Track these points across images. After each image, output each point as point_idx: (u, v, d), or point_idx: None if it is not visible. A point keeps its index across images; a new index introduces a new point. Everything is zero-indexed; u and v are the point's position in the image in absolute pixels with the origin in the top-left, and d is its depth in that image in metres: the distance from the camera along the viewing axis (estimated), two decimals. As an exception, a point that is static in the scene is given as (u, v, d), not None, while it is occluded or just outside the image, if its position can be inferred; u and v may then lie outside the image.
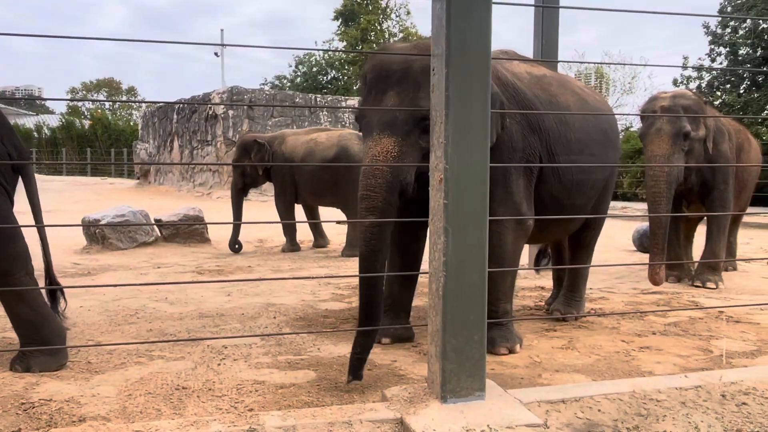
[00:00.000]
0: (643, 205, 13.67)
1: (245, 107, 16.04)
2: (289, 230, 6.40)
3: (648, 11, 2.31)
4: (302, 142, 6.34)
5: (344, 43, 31.48)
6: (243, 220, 6.13)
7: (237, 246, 6.29)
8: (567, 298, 3.36)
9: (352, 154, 5.92)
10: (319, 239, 6.73)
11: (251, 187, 6.77)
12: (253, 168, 6.38)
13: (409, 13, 33.88)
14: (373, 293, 2.25)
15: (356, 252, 6.03)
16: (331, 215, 7.25)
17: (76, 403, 2.02)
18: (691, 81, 18.39)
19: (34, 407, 1.99)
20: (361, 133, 2.59)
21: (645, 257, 6.01)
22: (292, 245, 6.39)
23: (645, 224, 6.52)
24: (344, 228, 6.74)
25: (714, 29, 17.66)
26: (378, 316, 2.29)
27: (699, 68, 17.59)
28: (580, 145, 2.92)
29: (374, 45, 29.71)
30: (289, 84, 33.57)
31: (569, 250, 3.49)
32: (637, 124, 21.21)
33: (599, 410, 1.83)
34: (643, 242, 6.35)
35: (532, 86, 2.83)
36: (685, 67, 15.07)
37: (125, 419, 1.89)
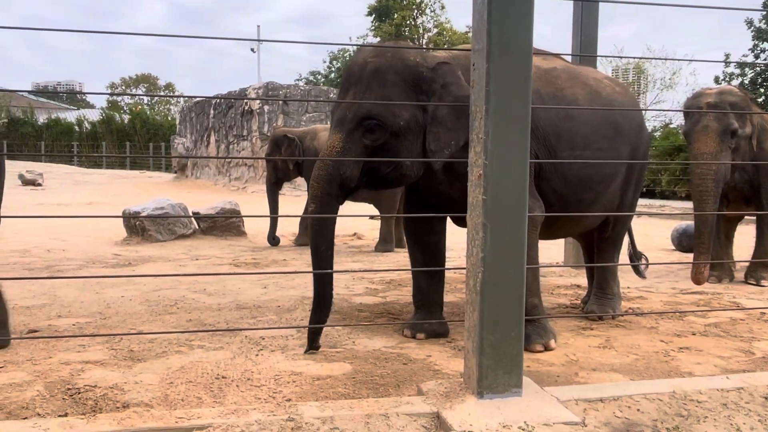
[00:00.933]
0: (683, 204, 13.41)
1: (280, 103, 16.19)
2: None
3: (689, 5, 2.27)
4: None
5: (378, 39, 31.48)
6: (276, 215, 6.18)
7: (275, 240, 6.36)
8: (599, 297, 3.31)
9: None
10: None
11: (284, 181, 6.81)
12: (284, 162, 6.43)
13: (443, 8, 33.66)
14: (321, 274, 2.52)
15: (390, 247, 6.12)
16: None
17: (120, 390, 2.08)
18: (733, 78, 17.90)
19: (79, 393, 2.05)
20: None
21: (684, 257, 5.92)
22: (302, 239, 6.36)
23: (684, 223, 6.40)
24: (378, 223, 6.76)
25: (758, 25, 17.14)
26: (328, 292, 2.54)
27: (743, 64, 17.11)
28: (585, 140, 2.85)
29: (408, 41, 29.66)
30: (323, 80, 33.76)
31: (596, 247, 3.43)
32: (677, 121, 20.75)
33: (638, 410, 1.81)
34: (682, 241, 6.23)
35: (535, 80, 2.80)
36: (727, 63, 14.68)
37: (167, 406, 1.94)
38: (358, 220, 8.13)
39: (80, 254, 5.58)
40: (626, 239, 3.60)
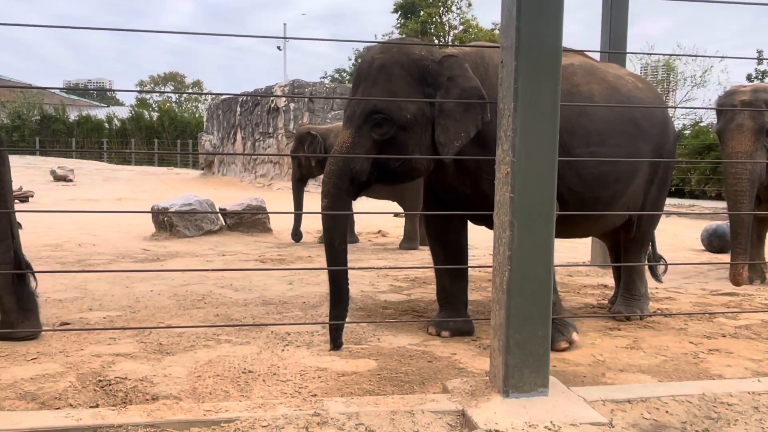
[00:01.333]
0: (713, 203, 13.17)
1: (306, 100, 16.27)
2: None
3: (720, 0, 2.23)
4: None
5: (404, 37, 31.45)
6: (300, 211, 6.22)
7: (298, 236, 6.40)
8: (626, 297, 3.26)
9: None
10: (353, 234, 6.65)
11: (308, 178, 6.83)
12: (308, 159, 6.46)
13: (470, 5, 33.42)
14: (336, 269, 2.55)
15: (414, 245, 6.12)
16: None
17: (149, 382, 2.11)
18: (766, 75, 17.51)
19: (110, 384, 2.09)
20: None
21: (714, 257, 5.82)
22: (350, 236, 6.42)
23: (714, 223, 6.28)
24: (402, 221, 6.76)
25: (794, 20, 16.72)
26: (344, 287, 2.57)
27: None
28: (601, 137, 2.80)
29: (434, 38, 29.56)
30: (348, 77, 33.82)
31: (621, 247, 3.36)
32: (707, 119, 20.36)
33: (667, 411, 1.79)
34: (712, 242, 6.11)
35: None
36: (760, 60, 14.37)
37: (196, 399, 1.96)
38: (382, 218, 8.14)
39: (110, 249, 5.68)
40: None
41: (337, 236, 2.57)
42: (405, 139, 2.53)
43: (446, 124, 2.53)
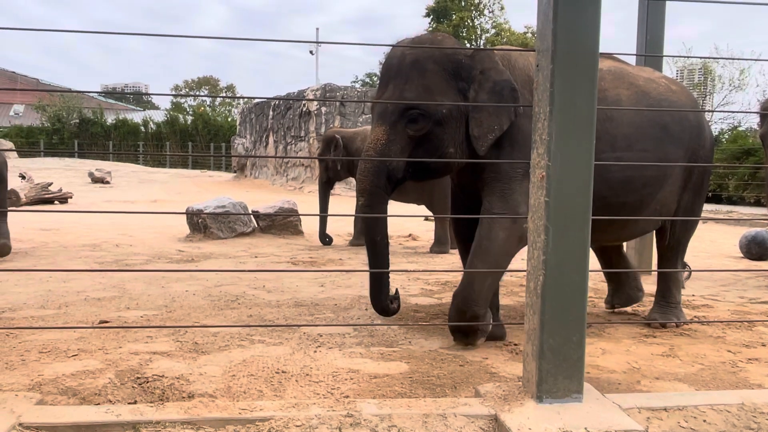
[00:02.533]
0: (751, 209, 12.84)
1: (337, 104, 16.38)
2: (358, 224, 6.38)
3: (758, 2, 2.19)
4: None
5: (430, 32, 31.41)
6: (333, 213, 6.24)
7: (327, 239, 6.43)
8: (661, 305, 3.21)
9: None
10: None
11: (335, 180, 6.84)
12: (334, 162, 6.49)
13: (503, 8, 33.31)
14: (376, 261, 2.61)
15: (445, 249, 6.10)
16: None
17: (186, 381, 2.15)
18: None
19: (148, 382, 2.14)
20: None
21: (752, 264, 5.68)
22: (358, 239, 6.35)
23: (754, 230, 6.13)
24: (432, 224, 6.75)
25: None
26: (385, 285, 2.63)
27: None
28: (627, 141, 2.76)
29: (466, 42, 29.46)
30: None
31: (657, 254, 3.33)
32: (746, 124, 19.87)
33: (704, 420, 1.75)
34: (751, 249, 5.96)
35: None
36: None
37: (230, 398, 1.99)
38: (413, 221, 8.14)
39: (146, 249, 5.79)
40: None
41: (379, 232, 2.60)
42: (441, 134, 2.53)
43: (480, 118, 2.53)
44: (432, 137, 2.53)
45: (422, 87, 2.51)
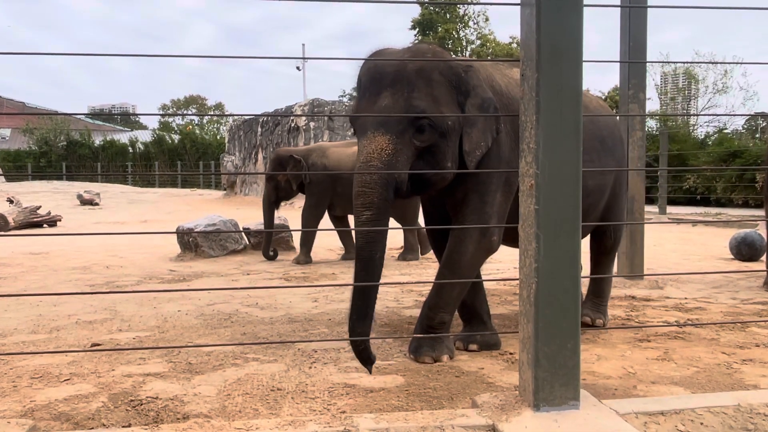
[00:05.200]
0: (739, 211, 12.94)
1: (326, 119, 16.41)
2: (309, 242, 6.36)
3: (740, 7, 2.22)
4: (348, 154, 6.27)
5: (421, 41, 31.63)
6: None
7: (272, 253, 6.40)
8: (594, 303, 3.36)
9: None
10: (352, 251, 6.55)
11: (283, 200, 6.80)
12: (287, 182, 6.47)
13: (487, 20, 33.60)
14: (368, 280, 2.30)
15: (416, 255, 6.18)
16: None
17: (180, 401, 2.13)
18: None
19: (142, 404, 2.11)
20: (354, 135, 2.69)
21: (743, 266, 5.71)
22: (306, 257, 6.31)
23: (743, 231, 6.17)
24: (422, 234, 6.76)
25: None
26: (373, 302, 2.32)
27: (801, 65, 16.50)
28: None
29: (452, 53, 29.69)
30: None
31: (595, 257, 3.46)
32: (732, 126, 20.08)
33: (702, 423, 1.75)
34: (741, 250, 6.01)
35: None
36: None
37: (226, 418, 1.98)
38: (403, 234, 8.13)
39: (137, 270, 5.75)
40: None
41: (380, 248, 2.36)
42: (443, 147, 2.48)
43: (471, 132, 2.53)
44: (435, 150, 2.46)
45: (431, 97, 2.43)
